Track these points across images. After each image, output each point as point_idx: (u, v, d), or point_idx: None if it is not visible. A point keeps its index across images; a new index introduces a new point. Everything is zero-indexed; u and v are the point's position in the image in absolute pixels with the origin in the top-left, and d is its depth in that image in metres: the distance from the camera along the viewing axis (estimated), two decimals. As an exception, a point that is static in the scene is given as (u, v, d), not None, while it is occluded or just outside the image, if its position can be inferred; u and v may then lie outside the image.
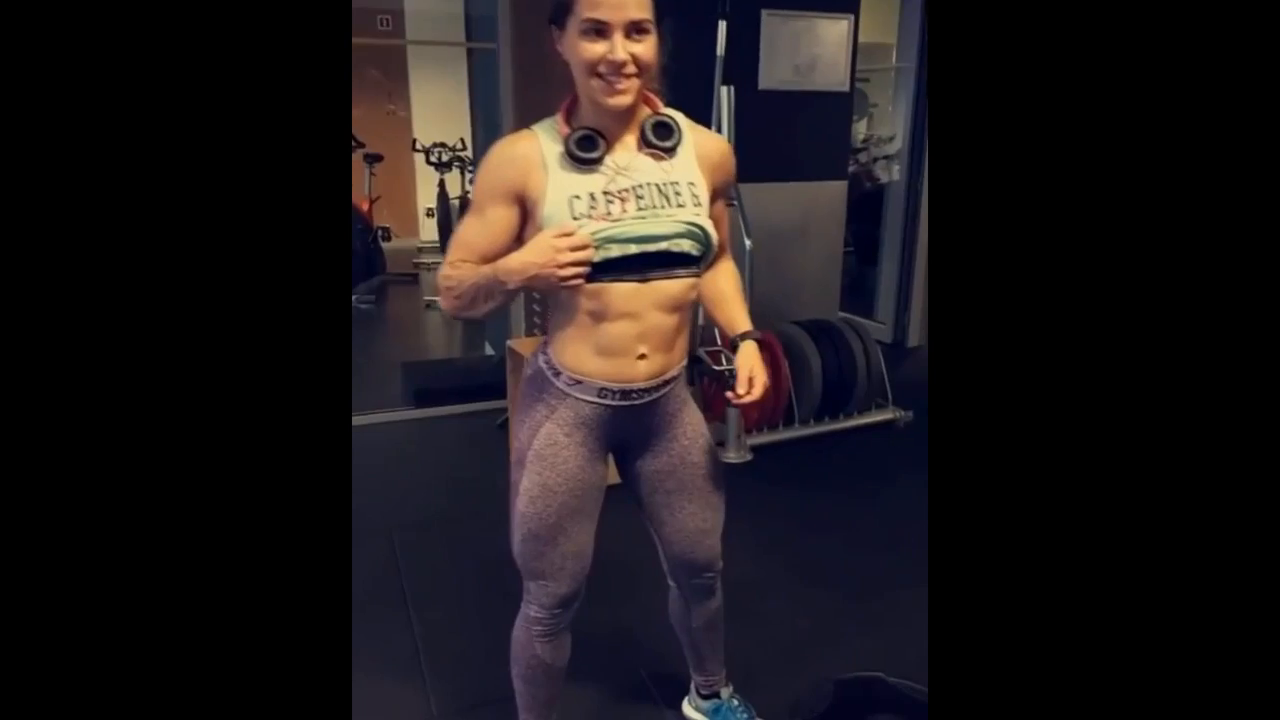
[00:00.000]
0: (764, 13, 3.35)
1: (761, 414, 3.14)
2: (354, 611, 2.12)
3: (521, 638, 1.44)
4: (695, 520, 1.44)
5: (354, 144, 5.90)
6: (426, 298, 5.69)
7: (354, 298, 5.29)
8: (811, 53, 3.46)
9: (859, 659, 1.87)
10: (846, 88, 3.53)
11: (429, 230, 6.95)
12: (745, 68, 3.30)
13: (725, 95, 2.84)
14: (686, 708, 1.77)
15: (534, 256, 1.18)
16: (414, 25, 6.53)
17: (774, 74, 3.43)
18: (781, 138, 3.48)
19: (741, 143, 2.90)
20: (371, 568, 2.30)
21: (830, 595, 2.21)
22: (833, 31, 3.48)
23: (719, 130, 2.85)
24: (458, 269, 1.26)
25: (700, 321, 3.12)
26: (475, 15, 4.72)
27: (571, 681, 1.79)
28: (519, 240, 1.25)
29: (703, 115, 2.85)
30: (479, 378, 3.59)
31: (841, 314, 3.74)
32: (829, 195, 3.69)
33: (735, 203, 2.90)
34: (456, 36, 5.66)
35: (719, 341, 3.06)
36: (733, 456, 3.05)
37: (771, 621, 2.11)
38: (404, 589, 2.22)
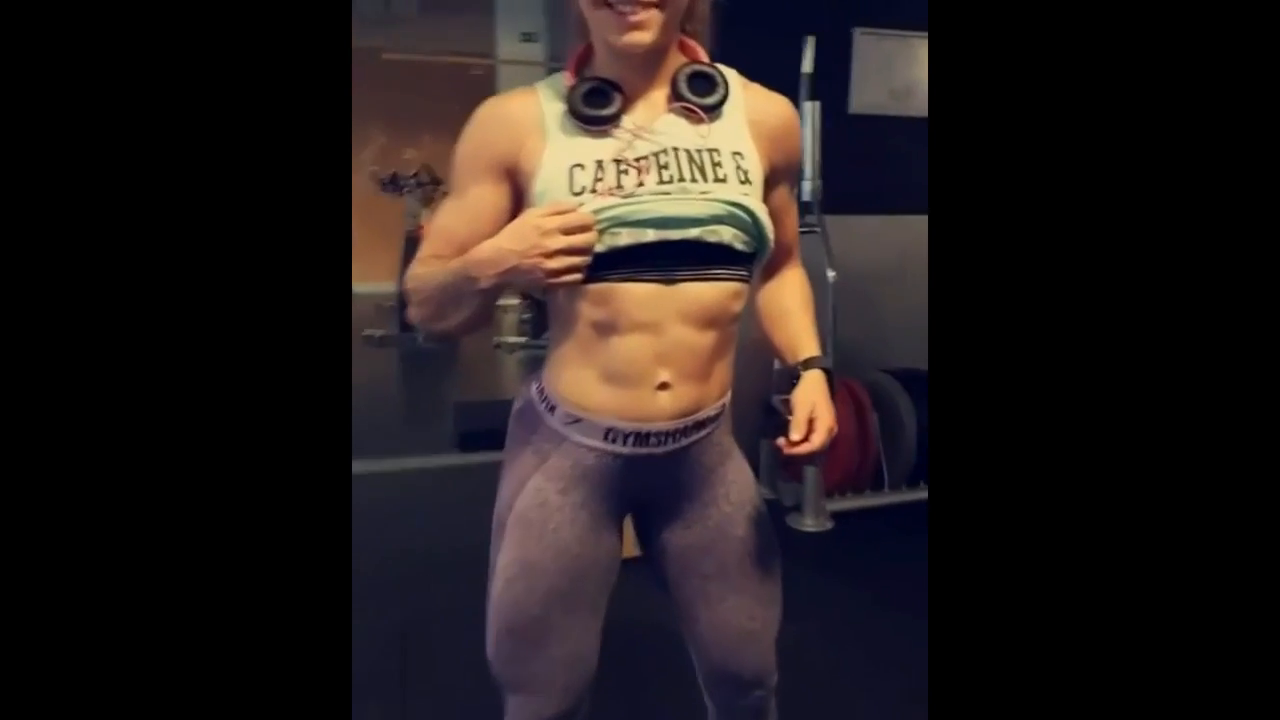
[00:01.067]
0: (856, 30, 3.02)
1: (845, 475, 2.72)
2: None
3: None
4: (740, 617, 1.06)
5: (432, 180, 5.85)
6: (496, 338, 5.50)
7: (419, 337, 5.14)
8: (909, 75, 3.10)
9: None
10: (950, 112, 3.13)
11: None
12: (835, 90, 2.97)
13: (811, 112, 2.51)
14: None
15: (512, 242, 0.86)
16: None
17: (866, 97, 3.08)
18: (874, 166, 3.11)
19: (829, 170, 2.58)
20: (365, 659, 1.99)
21: (917, 690, 1.74)
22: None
23: (803, 152, 2.52)
24: (427, 266, 0.96)
25: (777, 364, 2.75)
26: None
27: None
28: None
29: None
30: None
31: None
32: (918, 230, 3.27)
33: (818, 230, 2.54)
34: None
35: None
36: (810, 524, 2.63)
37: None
38: (406, 689, 1.89)
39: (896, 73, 3.09)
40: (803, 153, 1.08)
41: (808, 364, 1.03)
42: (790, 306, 1.09)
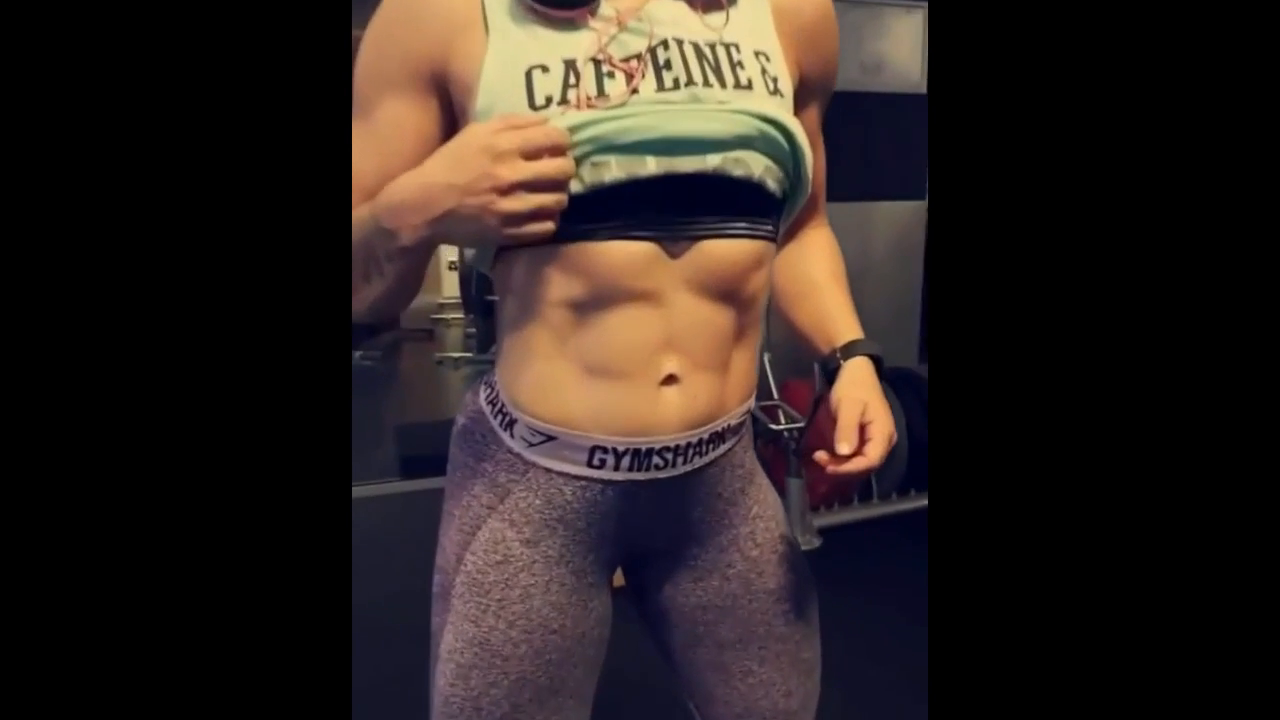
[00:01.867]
0: None
1: (832, 487, 2.47)
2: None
3: None
4: (771, 694, 0.78)
5: None
6: (438, 354, 5.15)
7: (357, 354, 4.76)
8: (879, 48, 2.89)
9: None
10: (923, 89, 2.93)
11: (451, 285, 6.48)
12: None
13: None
14: None
15: (449, 172, 0.58)
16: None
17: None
18: (845, 148, 2.88)
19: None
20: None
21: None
22: (904, 24, 2.91)
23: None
24: None
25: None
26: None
27: None
28: None
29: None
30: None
31: (925, 365, 3.07)
32: (904, 217, 3.06)
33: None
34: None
35: (775, 394, 2.43)
36: (798, 542, 2.37)
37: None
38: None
39: (865, 46, 2.87)
40: (838, 54, 0.79)
41: (848, 350, 0.76)
42: (819, 278, 0.81)
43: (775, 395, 2.46)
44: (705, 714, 0.81)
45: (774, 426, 2.33)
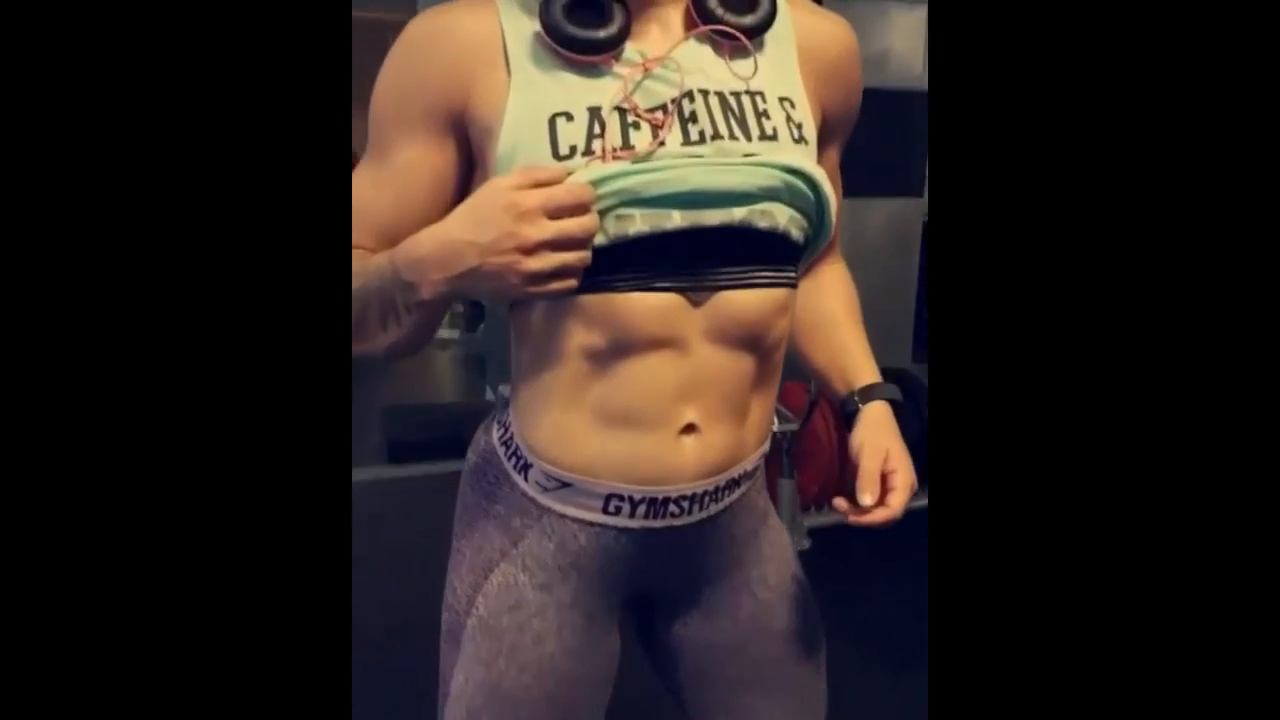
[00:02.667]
0: (824, -5, 2.77)
1: (823, 487, 2.48)
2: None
3: None
4: None
5: None
6: None
7: None
8: (882, 43, 2.87)
9: None
10: (924, 85, 2.91)
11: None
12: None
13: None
14: None
15: (471, 230, 0.56)
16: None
17: (836, 68, 2.84)
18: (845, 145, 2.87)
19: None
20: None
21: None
22: (907, 19, 2.89)
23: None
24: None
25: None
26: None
27: None
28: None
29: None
30: (474, 428, 2.98)
31: (919, 365, 3.08)
32: (902, 214, 3.05)
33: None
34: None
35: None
36: (786, 541, 2.38)
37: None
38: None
39: (868, 41, 2.85)
40: (861, 90, 0.78)
41: (867, 393, 0.75)
42: (837, 315, 0.80)
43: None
44: None
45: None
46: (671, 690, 0.81)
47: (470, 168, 0.65)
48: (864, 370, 0.77)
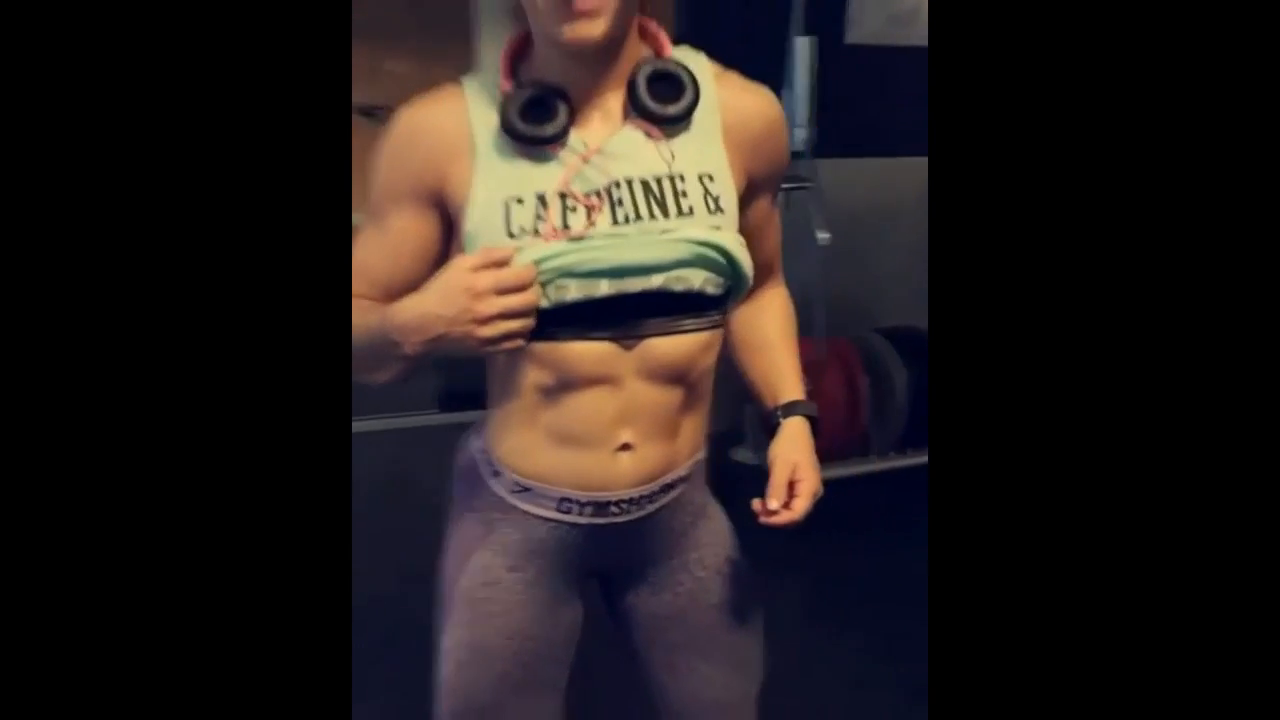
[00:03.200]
0: (853, -52, 2.75)
1: (832, 442, 2.61)
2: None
3: None
4: (711, 689, 0.95)
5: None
6: None
7: None
8: (911, 1, 2.84)
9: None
10: (954, 42, 2.89)
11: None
12: (829, 17, 2.71)
13: (804, 49, 2.28)
14: None
15: (439, 305, 0.70)
16: None
17: (864, 25, 2.82)
18: (872, 103, 2.88)
19: (823, 111, 2.36)
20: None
21: (904, 689, 1.65)
22: (940, -27, 2.85)
23: (794, 94, 2.29)
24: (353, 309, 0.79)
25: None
26: None
27: None
28: (446, 260, 0.77)
29: (773, 76, 2.29)
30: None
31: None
32: (922, 173, 3.07)
33: (809, 185, 2.34)
34: None
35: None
36: (795, 492, 2.53)
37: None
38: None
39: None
40: (788, 150, 0.88)
41: (789, 409, 0.88)
42: (771, 336, 0.93)
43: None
44: (659, 702, 0.98)
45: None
46: (629, 652, 0.98)
47: (449, 228, 0.79)
48: (789, 388, 0.90)
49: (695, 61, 0.80)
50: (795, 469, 0.83)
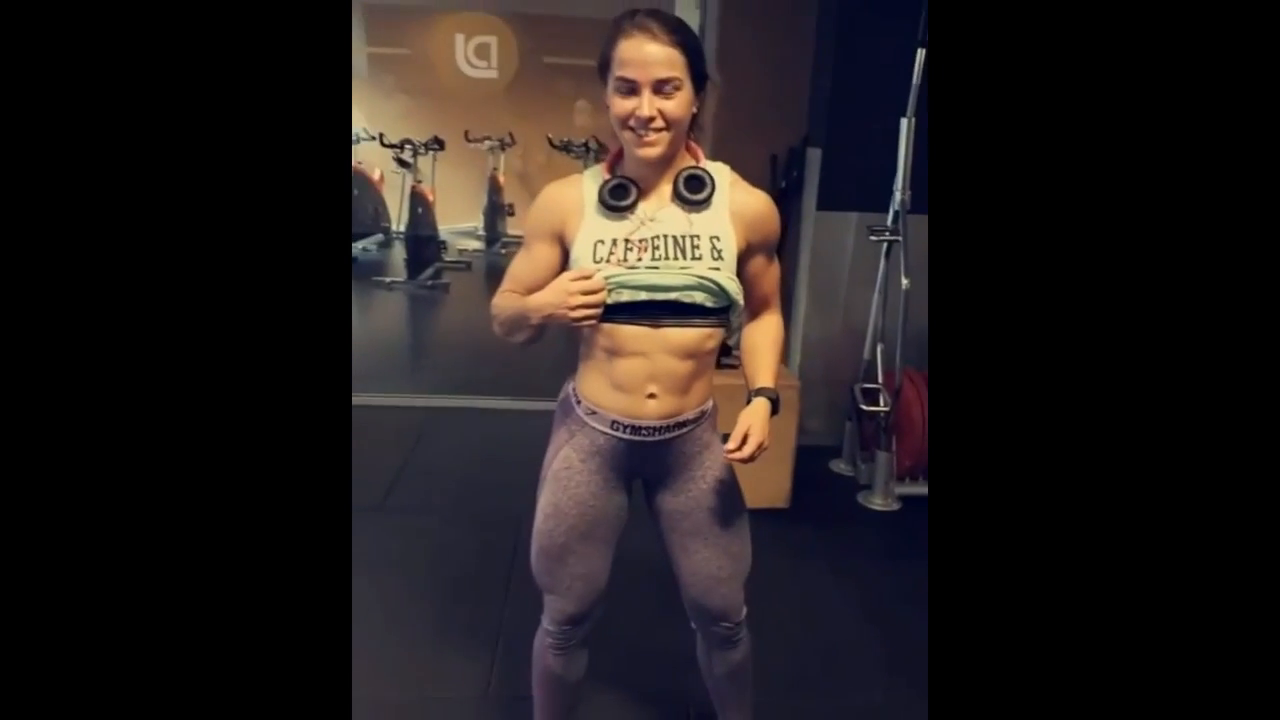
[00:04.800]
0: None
1: (916, 461, 2.96)
2: (450, 590, 2.35)
3: (537, 647, 1.54)
4: (709, 566, 1.44)
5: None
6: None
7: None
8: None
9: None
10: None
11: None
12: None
13: (906, 129, 2.71)
14: (716, 748, 1.76)
15: (550, 297, 1.27)
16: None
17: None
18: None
19: (918, 176, 2.76)
20: (492, 551, 2.52)
21: (916, 679, 2.04)
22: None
23: (899, 162, 2.72)
24: (504, 298, 1.37)
25: (866, 356, 3.00)
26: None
27: (614, 700, 1.88)
28: (559, 274, 1.34)
29: (886, 146, 2.73)
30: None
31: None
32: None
33: (899, 239, 2.76)
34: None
35: (879, 379, 2.94)
36: (878, 503, 2.90)
37: (843, 690, 2.01)
38: (510, 576, 2.41)
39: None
40: (778, 228, 1.39)
41: (759, 392, 1.37)
42: (760, 346, 1.42)
43: (880, 381, 2.95)
44: (677, 574, 1.48)
45: (865, 407, 2.86)
46: (657, 535, 1.49)
47: (565, 255, 1.36)
48: (762, 379, 1.38)
49: (718, 170, 1.32)
50: (749, 427, 1.31)
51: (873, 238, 2.84)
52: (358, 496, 2.81)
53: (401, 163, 6.34)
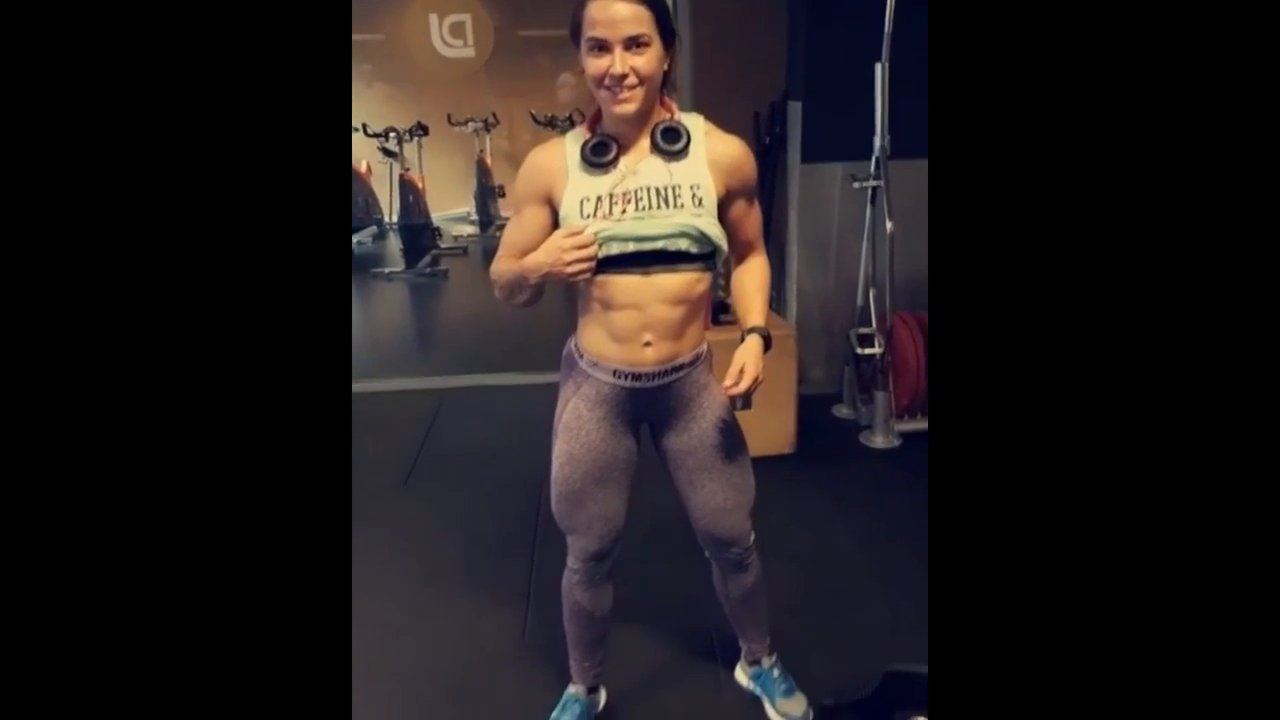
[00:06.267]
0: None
1: (913, 399, 3.06)
2: (482, 552, 2.48)
3: (565, 584, 1.66)
4: (716, 498, 1.55)
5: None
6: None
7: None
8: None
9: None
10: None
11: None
12: (917, 45, 3.14)
13: (880, 74, 2.78)
14: (738, 671, 1.89)
15: (544, 256, 1.37)
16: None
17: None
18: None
19: (896, 121, 2.83)
20: (517, 515, 2.64)
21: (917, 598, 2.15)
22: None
23: (876, 109, 2.80)
24: (502, 263, 1.47)
25: (859, 302, 3.10)
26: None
27: (643, 634, 2.00)
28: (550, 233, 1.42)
29: (864, 95, 2.80)
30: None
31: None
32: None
33: (881, 184, 2.84)
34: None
35: (874, 324, 3.03)
36: (879, 441, 3.01)
37: (852, 610, 2.13)
38: (536, 536, 2.53)
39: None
40: (755, 173, 1.49)
41: (750, 331, 1.47)
42: (747, 287, 1.52)
43: (874, 325, 3.04)
44: (687, 509, 1.59)
45: (860, 351, 2.96)
46: (666, 474, 1.60)
47: (554, 216, 1.45)
48: (754, 318, 1.48)
49: (693, 121, 1.41)
50: (744, 363, 1.41)
51: (855, 185, 2.92)
52: (384, 475, 2.95)
53: (387, 152, 6.37)
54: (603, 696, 1.81)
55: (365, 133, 6.44)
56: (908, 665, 1.75)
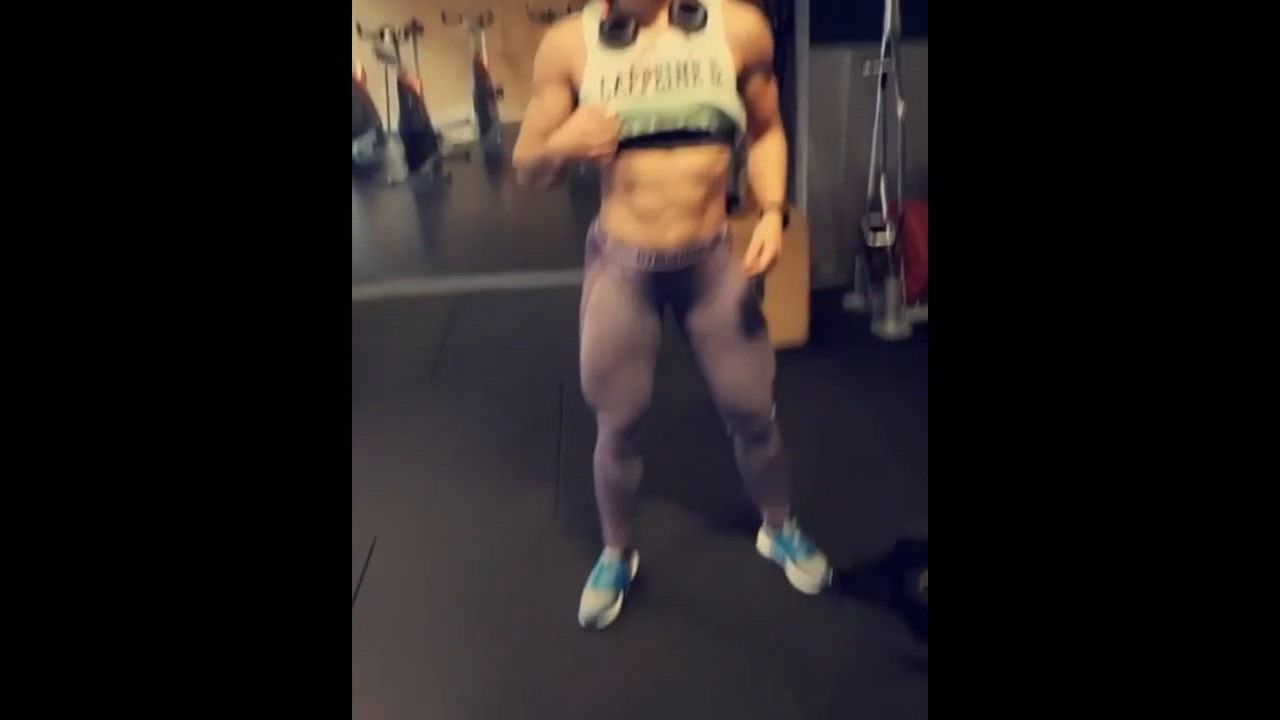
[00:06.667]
0: None
1: (924, 287, 3.09)
2: (511, 438, 2.57)
3: (597, 458, 1.74)
4: (738, 374, 1.61)
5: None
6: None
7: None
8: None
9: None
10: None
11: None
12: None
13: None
14: (760, 539, 1.99)
15: (567, 137, 1.38)
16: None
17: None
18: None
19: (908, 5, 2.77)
20: (542, 403, 2.73)
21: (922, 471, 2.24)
22: None
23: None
24: (525, 148, 1.48)
25: (870, 192, 3.09)
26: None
27: (676, 503, 2.11)
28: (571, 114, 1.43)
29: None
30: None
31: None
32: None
33: (889, 73, 2.79)
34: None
35: (884, 213, 3.03)
36: (890, 330, 3.06)
37: (867, 483, 2.23)
38: (561, 419, 2.63)
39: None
40: (771, 47, 1.49)
41: (768, 208, 1.50)
42: (764, 166, 1.55)
43: (885, 214, 3.05)
44: (709, 385, 1.65)
45: (871, 242, 2.97)
46: (689, 351, 1.65)
47: (574, 96, 1.46)
48: (772, 195, 1.51)
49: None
50: (764, 240, 1.45)
51: (865, 72, 2.88)
52: (406, 376, 3.04)
53: (384, 55, 6.20)
54: (635, 562, 1.93)
55: (358, 32, 6.25)
56: (918, 531, 1.85)
